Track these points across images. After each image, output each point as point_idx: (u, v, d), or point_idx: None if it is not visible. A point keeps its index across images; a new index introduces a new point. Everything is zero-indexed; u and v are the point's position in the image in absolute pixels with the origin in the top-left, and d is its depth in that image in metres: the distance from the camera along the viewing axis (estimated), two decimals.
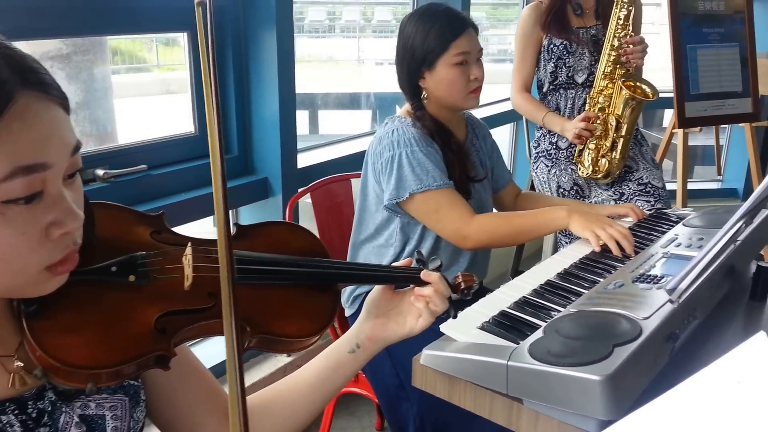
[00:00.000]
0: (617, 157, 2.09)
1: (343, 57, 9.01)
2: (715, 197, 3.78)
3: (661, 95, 2.86)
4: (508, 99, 2.46)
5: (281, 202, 2.00)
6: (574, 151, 2.19)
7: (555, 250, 2.26)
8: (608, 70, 2.08)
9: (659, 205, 2.07)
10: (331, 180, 1.85)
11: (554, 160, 2.22)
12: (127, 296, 0.77)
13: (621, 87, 2.02)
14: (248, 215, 2.12)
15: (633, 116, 2.06)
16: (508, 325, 1.14)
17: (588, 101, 2.12)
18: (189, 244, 0.85)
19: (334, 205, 1.84)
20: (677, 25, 2.55)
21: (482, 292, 1.75)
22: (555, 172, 2.21)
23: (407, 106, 1.64)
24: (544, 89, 2.25)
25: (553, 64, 2.18)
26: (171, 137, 1.93)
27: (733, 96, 2.71)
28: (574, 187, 2.18)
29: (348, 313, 1.70)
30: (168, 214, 1.77)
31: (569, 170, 2.19)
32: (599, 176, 2.12)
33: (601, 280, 1.30)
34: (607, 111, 2.08)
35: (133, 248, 0.81)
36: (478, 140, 1.75)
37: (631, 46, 2.02)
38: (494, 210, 1.84)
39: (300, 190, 2.00)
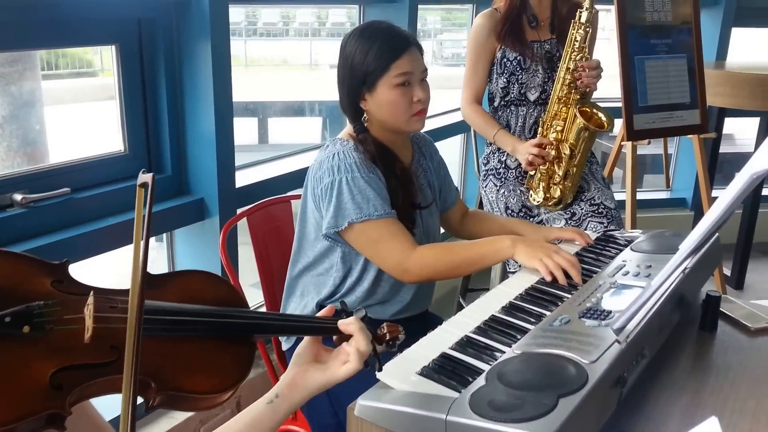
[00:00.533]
0: (569, 185, 2.03)
1: (297, 59, 8.89)
2: (664, 207, 3.80)
3: (610, 104, 2.84)
4: (458, 109, 2.39)
5: (218, 224, 1.90)
6: (524, 170, 2.13)
7: (503, 268, 2.21)
8: (562, 94, 2.00)
9: (612, 227, 2.02)
10: (268, 203, 1.75)
11: (503, 179, 2.16)
12: (21, 349, 0.72)
13: (576, 115, 1.96)
14: (183, 239, 2.01)
15: (587, 145, 1.99)
16: (449, 370, 1.07)
17: (541, 125, 2.05)
18: (92, 293, 0.79)
19: (272, 228, 1.74)
20: (625, 37, 2.53)
21: (429, 320, 1.69)
22: (504, 193, 2.14)
23: (349, 127, 1.56)
24: (495, 103, 2.17)
25: (505, 79, 2.11)
26: (97, 157, 1.81)
27: (681, 108, 2.70)
28: (523, 209, 2.12)
29: (285, 347, 1.61)
30: (93, 241, 1.67)
31: (518, 191, 2.13)
32: (550, 204, 2.06)
33: (548, 313, 1.24)
34: (560, 137, 2.01)
35: (32, 298, 0.76)
36: (425, 160, 1.68)
37: (586, 70, 1.94)
38: (441, 232, 1.77)
39: (239, 211, 1.90)
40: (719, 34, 3.50)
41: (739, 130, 5.09)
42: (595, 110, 2.01)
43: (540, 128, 2.05)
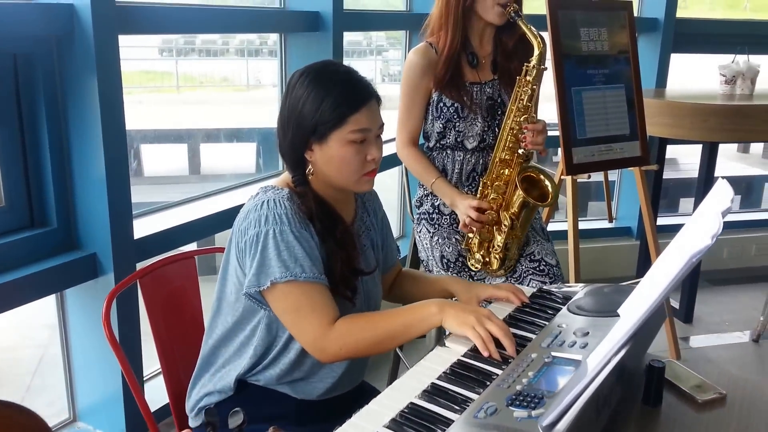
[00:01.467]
0: (510, 255, 1.86)
1: (238, 78, 8.67)
2: (608, 236, 3.72)
3: (549, 132, 2.69)
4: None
5: (113, 282, 1.68)
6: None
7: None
8: (505, 156, 1.82)
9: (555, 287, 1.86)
10: (165, 261, 1.52)
11: (437, 225, 1.97)
12: None
13: (516, 185, 1.79)
14: (76, 299, 1.78)
15: (528, 215, 1.83)
16: None
17: (482, 185, 1.86)
18: None
19: (172, 292, 1.52)
20: (560, 68, 2.42)
21: (364, 393, 1.49)
22: (438, 240, 1.96)
23: (287, 176, 1.36)
24: (431, 144, 1.99)
25: (441, 125, 1.92)
26: None
27: (621, 139, 2.61)
28: (460, 259, 1.93)
29: (193, 424, 1.40)
30: None
31: (453, 240, 1.94)
32: (490, 269, 1.87)
33: (474, 397, 1.08)
34: (501, 201, 1.83)
35: None
36: (368, 216, 1.49)
37: (532, 133, 1.77)
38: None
39: (139, 266, 1.69)
40: (658, 60, 3.45)
41: (683, 155, 5.10)
42: (542, 176, 1.83)
43: (480, 188, 1.86)
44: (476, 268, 1.88)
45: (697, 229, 0.99)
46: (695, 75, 4.61)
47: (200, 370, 1.42)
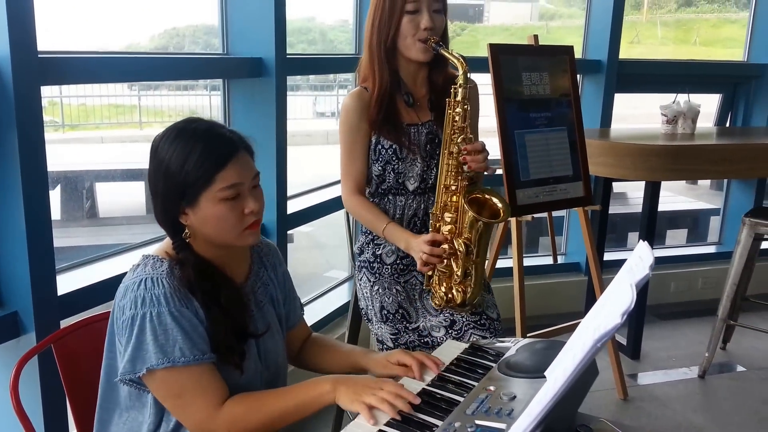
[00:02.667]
0: (471, 285, 1.76)
1: (204, 113, 8.60)
2: (557, 272, 3.74)
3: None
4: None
5: (35, 341, 1.61)
6: (401, 266, 1.92)
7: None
8: (449, 182, 1.76)
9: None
10: (79, 324, 1.44)
11: (378, 275, 1.93)
12: None
13: (465, 207, 1.72)
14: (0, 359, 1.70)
15: (484, 238, 1.75)
16: None
17: (432, 218, 1.80)
18: None
19: (90, 354, 1.46)
20: (503, 111, 2.45)
21: None
22: (378, 290, 1.91)
23: (168, 241, 1.32)
24: (372, 190, 1.94)
25: (380, 167, 1.87)
26: None
27: (565, 180, 2.65)
28: (400, 311, 1.89)
29: None
30: None
31: (394, 290, 1.90)
32: (454, 305, 1.78)
33: None
34: (454, 230, 1.76)
35: None
36: (267, 271, 1.46)
37: (471, 153, 1.71)
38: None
39: (63, 324, 1.62)
40: (602, 101, 3.52)
41: (632, 189, 5.18)
42: (488, 196, 1.77)
43: (431, 221, 1.80)
44: (440, 306, 1.81)
45: (610, 302, 0.98)
46: (643, 109, 4.72)
47: None
